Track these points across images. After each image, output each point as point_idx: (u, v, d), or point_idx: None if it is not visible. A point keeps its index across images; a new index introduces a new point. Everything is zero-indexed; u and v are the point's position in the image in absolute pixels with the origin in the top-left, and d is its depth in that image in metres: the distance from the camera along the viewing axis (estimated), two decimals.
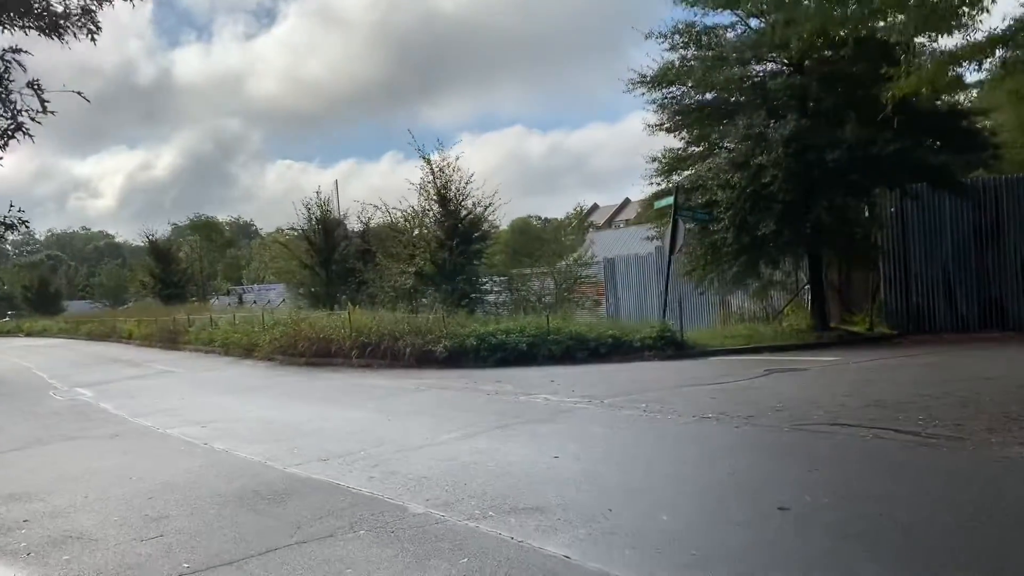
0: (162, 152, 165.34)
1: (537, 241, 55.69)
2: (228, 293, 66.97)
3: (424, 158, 23.69)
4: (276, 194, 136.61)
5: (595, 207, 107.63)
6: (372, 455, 8.39)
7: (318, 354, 18.81)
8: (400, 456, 8.23)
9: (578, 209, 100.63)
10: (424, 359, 17.17)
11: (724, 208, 19.09)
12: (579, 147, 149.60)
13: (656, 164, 22.28)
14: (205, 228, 54.42)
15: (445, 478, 7.13)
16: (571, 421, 9.66)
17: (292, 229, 32.32)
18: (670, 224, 18.64)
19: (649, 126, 22.20)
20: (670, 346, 17.05)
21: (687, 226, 18.78)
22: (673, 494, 6.21)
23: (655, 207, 19.85)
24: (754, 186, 18.35)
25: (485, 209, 23.63)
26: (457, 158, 23.62)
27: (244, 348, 22.35)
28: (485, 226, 23.96)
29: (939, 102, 21.18)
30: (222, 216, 63.98)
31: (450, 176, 23.65)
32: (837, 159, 17.63)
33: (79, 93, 11.66)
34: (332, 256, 32.22)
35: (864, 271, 23.44)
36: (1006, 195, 20.81)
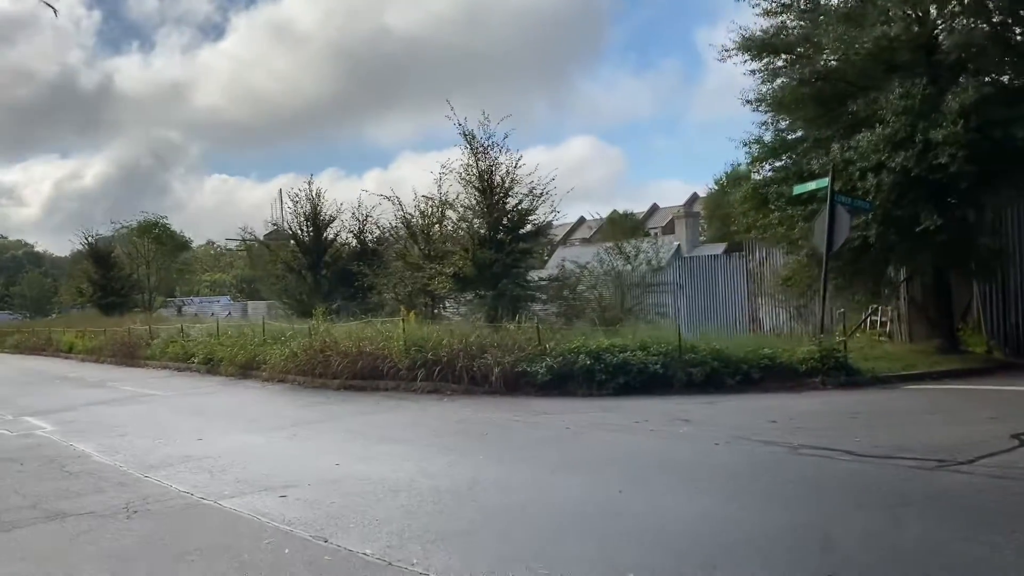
0: (95, 161, 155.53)
1: None
2: (165, 305, 61.25)
3: (465, 135, 19.26)
4: (207, 207, 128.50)
5: (550, 224, 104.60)
6: None
7: (360, 375, 14.18)
8: None
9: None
10: (516, 383, 12.77)
11: (871, 197, 15.24)
12: (521, 168, 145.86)
13: (754, 148, 18.44)
14: (154, 229, 48.58)
15: None
16: None
17: (273, 225, 27.39)
18: (824, 214, 14.59)
19: (749, 102, 18.34)
20: (838, 371, 13.02)
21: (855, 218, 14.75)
22: None
23: (795, 193, 15.81)
24: (920, 169, 14.50)
25: (536, 199, 19.28)
26: (506, 136, 19.25)
27: (239, 366, 17.52)
28: (534, 219, 19.60)
29: None
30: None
31: (495, 159, 19.26)
32: None
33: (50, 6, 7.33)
34: (322, 259, 27.42)
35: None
36: None
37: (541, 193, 19.27)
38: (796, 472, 6.79)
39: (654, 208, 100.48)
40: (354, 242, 27.76)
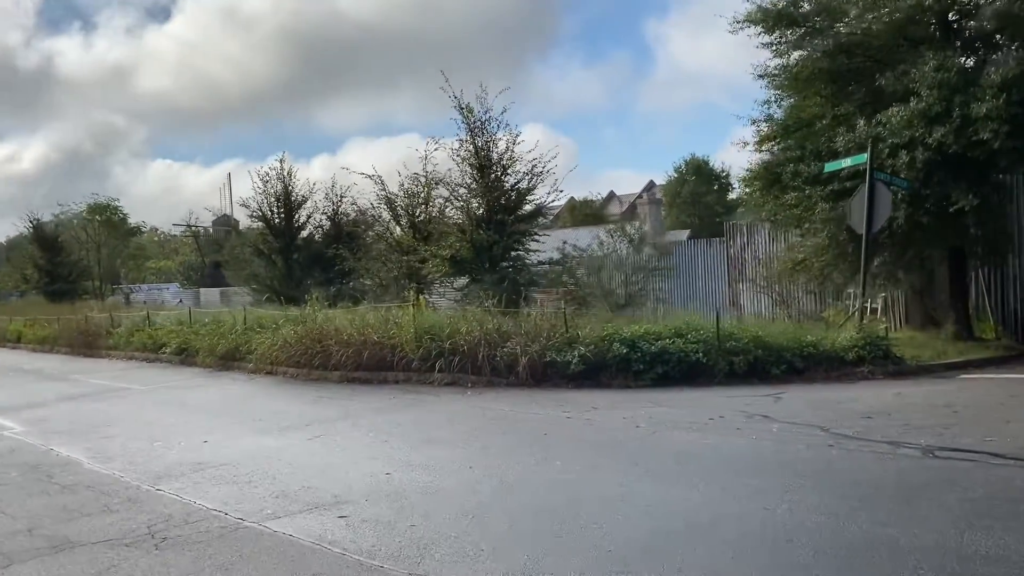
0: (33, 145, 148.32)
1: None
2: (112, 292, 58.94)
3: (462, 109, 18.00)
4: (151, 193, 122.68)
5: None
6: None
7: (365, 367, 12.91)
8: None
9: None
10: (543, 374, 11.67)
11: (902, 175, 14.47)
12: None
13: (763, 126, 17.64)
14: (105, 211, 46.10)
15: None
16: None
17: (244, 206, 25.71)
18: (862, 192, 13.69)
19: (762, 76, 17.46)
20: (884, 360, 12.19)
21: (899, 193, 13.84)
22: None
23: (826, 171, 14.89)
24: (958, 145, 13.74)
25: (535, 178, 18.11)
26: (504, 110, 18.06)
27: (219, 356, 16.10)
28: (533, 199, 18.45)
29: None
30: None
31: (493, 135, 18.06)
32: None
33: None
34: (294, 243, 25.91)
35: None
36: None
37: (541, 171, 18.13)
38: (963, 481, 5.78)
39: (611, 195, 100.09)
40: (328, 224, 26.29)
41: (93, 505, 6.49)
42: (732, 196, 72.24)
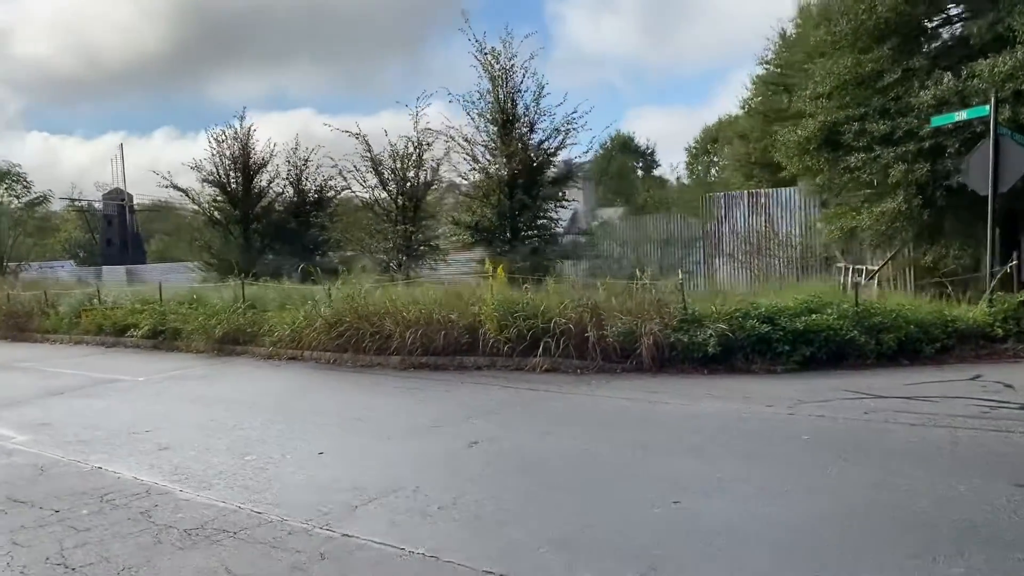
0: None
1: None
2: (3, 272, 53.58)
3: (484, 54, 15.81)
4: (27, 167, 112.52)
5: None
6: None
7: (435, 351, 10.67)
8: None
9: None
10: (665, 358, 9.77)
11: None
12: (370, 133, 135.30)
13: (822, 82, 16.26)
14: (5, 179, 41.22)
15: None
16: None
17: (197, 168, 22.63)
18: (984, 149, 12.21)
19: (816, 27, 16.03)
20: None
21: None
22: None
23: (933, 124, 13.36)
24: None
25: (564, 135, 16.16)
26: (532, 56, 16.00)
27: (217, 340, 13.52)
28: (561, 157, 16.48)
29: None
30: None
31: (518, 83, 15.98)
32: None
33: None
34: (252, 212, 23.08)
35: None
36: None
37: (570, 129, 16.14)
38: None
39: None
40: (292, 191, 23.51)
41: (272, 568, 4.25)
42: (656, 172, 71.77)
